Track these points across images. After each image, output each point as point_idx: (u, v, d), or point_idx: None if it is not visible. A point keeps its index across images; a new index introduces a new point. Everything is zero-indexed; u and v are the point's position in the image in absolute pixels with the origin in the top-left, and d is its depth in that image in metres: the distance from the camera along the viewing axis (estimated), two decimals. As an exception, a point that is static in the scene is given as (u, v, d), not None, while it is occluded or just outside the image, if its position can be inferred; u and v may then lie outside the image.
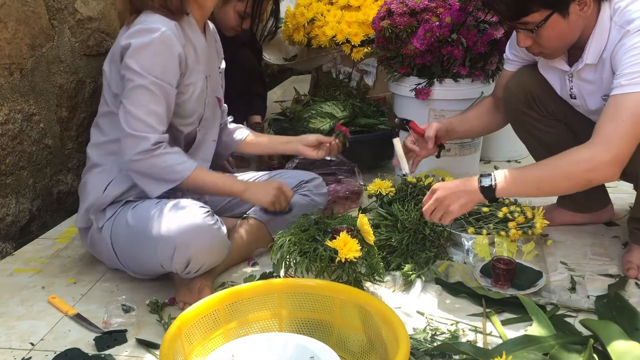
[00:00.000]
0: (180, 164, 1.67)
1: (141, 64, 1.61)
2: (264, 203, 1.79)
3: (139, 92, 1.62)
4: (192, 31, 1.74)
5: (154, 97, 1.63)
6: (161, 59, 1.63)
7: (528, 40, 1.65)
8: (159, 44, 1.62)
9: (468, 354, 1.38)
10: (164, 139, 1.66)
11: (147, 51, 1.62)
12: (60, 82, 2.24)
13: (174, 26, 1.65)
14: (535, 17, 1.58)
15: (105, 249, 1.74)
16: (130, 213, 1.66)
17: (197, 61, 1.76)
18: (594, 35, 1.62)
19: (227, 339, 1.35)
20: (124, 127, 1.63)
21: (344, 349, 1.36)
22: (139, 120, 1.62)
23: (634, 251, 1.81)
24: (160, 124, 1.66)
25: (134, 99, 1.63)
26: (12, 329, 1.56)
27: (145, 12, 1.67)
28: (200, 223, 1.56)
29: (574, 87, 1.76)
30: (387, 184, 2.06)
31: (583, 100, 1.77)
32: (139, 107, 1.63)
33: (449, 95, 2.33)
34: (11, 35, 1.99)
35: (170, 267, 1.58)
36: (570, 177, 1.54)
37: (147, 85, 1.62)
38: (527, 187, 1.61)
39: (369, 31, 2.78)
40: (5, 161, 1.99)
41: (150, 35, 1.61)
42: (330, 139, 2.05)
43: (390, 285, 1.72)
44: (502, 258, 1.69)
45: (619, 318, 1.49)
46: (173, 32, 1.64)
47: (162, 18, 1.65)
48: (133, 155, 1.63)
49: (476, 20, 2.24)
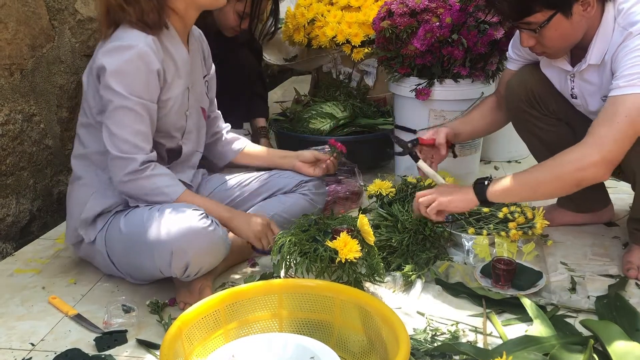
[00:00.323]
0: (168, 187, 1.66)
1: (121, 84, 1.59)
2: (249, 236, 1.75)
3: (121, 113, 1.60)
4: (173, 44, 1.70)
5: (137, 117, 1.62)
6: (140, 77, 1.60)
7: (531, 40, 1.65)
8: (137, 61, 1.59)
9: (468, 354, 1.38)
10: (152, 157, 1.66)
11: (126, 70, 1.59)
12: (60, 82, 2.24)
13: (152, 41, 1.61)
14: (538, 17, 1.58)
15: (102, 259, 1.74)
16: (123, 221, 1.66)
17: (178, 75, 1.73)
18: (597, 36, 1.62)
19: (227, 339, 1.35)
20: (111, 150, 1.62)
21: (344, 350, 1.36)
22: (125, 142, 1.61)
23: (634, 251, 1.81)
24: (147, 143, 1.65)
25: (118, 120, 1.61)
26: (13, 330, 1.56)
27: (122, 26, 1.64)
28: (195, 226, 1.55)
29: (575, 87, 1.76)
30: (387, 184, 2.06)
31: (584, 101, 1.77)
32: (123, 128, 1.61)
33: (449, 96, 2.33)
34: (12, 35, 1.99)
35: (169, 272, 1.57)
36: (560, 178, 1.56)
37: (130, 106, 1.60)
38: (521, 190, 1.64)
39: (369, 32, 2.78)
40: (5, 161, 2.00)
41: (127, 53, 1.58)
42: (327, 157, 2.03)
43: (390, 285, 1.72)
44: (503, 258, 1.69)
45: (619, 318, 1.49)
46: (150, 48, 1.60)
47: (139, 33, 1.61)
48: (122, 177, 1.63)
49: (476, 20, 2.24)
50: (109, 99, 1.60)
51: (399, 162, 2.55)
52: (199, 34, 1.91)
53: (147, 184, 1.64)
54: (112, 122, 1.61)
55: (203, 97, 1.91)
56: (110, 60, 1.59)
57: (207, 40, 1.95)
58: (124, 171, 1.62)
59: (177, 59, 1.72)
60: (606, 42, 1.62)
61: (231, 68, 2.71)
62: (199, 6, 1.71)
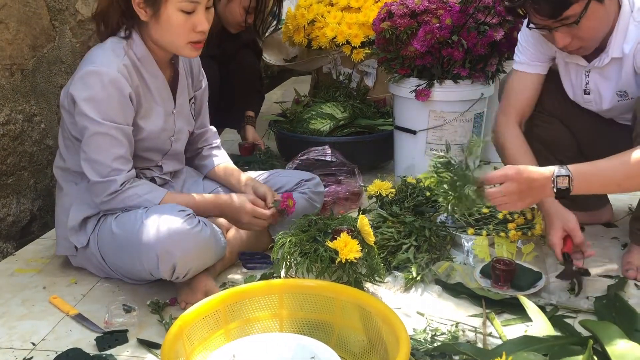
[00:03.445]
0: (149, 193, 1.67)
1: (95, 111, 1.59)
2: (239, 227, 1.81)
3: (99, 139, 1.61)
4: (149, 70, 1.69)
5: (114, 141, 1.62)
6: (113, 102, 1.60)
7: (567, 38, 1.62)
8: (109, 87, 1.59)
9: (468, 354, 1.38)
10: (131, 176, 1.67)
11: (98, 97, 1.59)
12: (61, 82, 2.24)
13: (123, 67, 1.62)
14: (576, 9, 1.56)
15: (97, 262, 1.74)
16: (114, 222, 1.66)
17: (154, 101, 1.72)
18: (617, 29, 1.63)
19: (228, 339, 1.35)
20: (90, 176, 1.64)
21: (345, 350, 1.36)
22: (104, 166, 1.63)
23: (634, 252, 1.81)
24: (126, 165, 1.66)
25: (95, 147, 1.62)
26: (14, 329, 1.57)
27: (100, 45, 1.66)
28: (179, 228, 1.54)
29: (590, 82, 1.76)
30: (387, 185, 2.07)
31: (597, 96, 1.77)
32: (101, 153, 1.62)
33: (449, 97, 2.34)
34: (12, 36, 1.99)
35: (158, 275, 1.57)
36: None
37: (105, 131, 1.61)
38: (607, 187, 1.60)
39: (369, 32, 2.78)
40: (6, 161, 2.00)
41: (99, 80, 1.58)
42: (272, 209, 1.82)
43: (390, 286, 1.72)
44: (502, 259, 1.70)
45: (619, 319, 1.49)
46: (121, 74, 1.61)
47: (112, 57, 1.62)
48: (103, 198, 1.65)
49: (476, 22, 2.25)
50: (84, 125, 1.62)
51: (398, 163, 2.55)
52: None
53: (126, 196, 1.65)
54: (89, 149, 1.63)
55: (190, 120, 1.89)
56: (83, 87, 1.60)
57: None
58: (105, 193, 1.64)
59: (151, 86, 1.70)
60: (623, 35, 1.62)
61: (231, 69, 2.72)
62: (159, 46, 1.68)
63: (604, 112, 1.82)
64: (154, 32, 1.65)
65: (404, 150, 2.48)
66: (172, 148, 1.82)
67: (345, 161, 2.43)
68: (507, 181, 1.49)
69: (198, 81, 1.92)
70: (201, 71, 1.93)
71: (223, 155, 2.03)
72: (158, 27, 1.63)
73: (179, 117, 1.82)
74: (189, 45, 1.65)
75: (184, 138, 1.88)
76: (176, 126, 1.81)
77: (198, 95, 1.92)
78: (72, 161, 1.75)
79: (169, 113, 1.77)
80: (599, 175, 1.49)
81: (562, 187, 1.46)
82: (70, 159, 1.75)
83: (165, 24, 1.62)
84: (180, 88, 1.81)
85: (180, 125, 1.83)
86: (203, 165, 2.00)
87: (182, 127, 1.84)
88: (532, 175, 1.48)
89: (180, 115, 1.82)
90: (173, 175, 1.89)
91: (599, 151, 1.83)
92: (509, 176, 1.49)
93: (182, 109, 1.82)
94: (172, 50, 1.69)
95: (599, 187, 1.57)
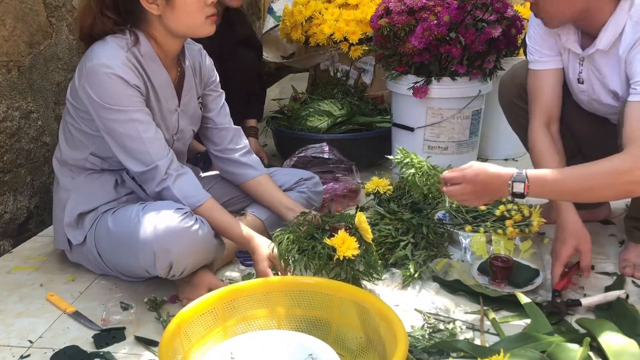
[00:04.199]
0: (193, 197, 1.66)
1: (113, 102, 1.59)
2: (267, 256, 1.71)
3: (127, 127, 1.61)
4: (152, 67, 1.68)
5: (142, 125, 1.62)
6: (125, 90, 1.60)
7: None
8: (115, 78, 1.58)
9: (466, 351, 1.38)
10: (172, 159, 1.66)
11: (110, 88, 1.58)
12: (58, 79, 2.24)
13: (126, 59, 1.61)
14: None
15: (93, 259, 1.74)
16: (111, 219, 1.66)
17: (157, 98, 1.71)
18: (609, 23, 1.62)
19: (226, 336, 1.35)
20: (136, 169, 1.64)
21: (343, 347, 1.36)
22: (142, 153, 1.62)
23: (630, 249, 1.82)
24: (164, 148, 1.66)
25: (127, 137, 1.62)
26: (11, 327, 1.56)
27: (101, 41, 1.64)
28: (176, 226, 1.54)
29: (583, 71, 1.76)
30: (385, 182, 2.07)
31: (590, 86, 1.77)
32: (135, 141, 1.62)
33: (446, 94, 2.34)
34: (9, 32, 1.99)
35: (155, 272, 1.57)
36: (612, 187, 1.49)
37: (130, 117, 1.60)
38: (562, 196, 1.60)
39: (367, 29, 2.78)
40: (3, 158, 1.99)
41: (106, 76, 1.58)
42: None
43: (388, 283, 1.72)
44: (500, 256, 1.70)
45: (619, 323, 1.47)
46: (126, 66, 1.60)
47: (114, 50, 1.61)
48: (154, 188, 1.65)
49: (474, 19, 2.25)
50: (108, 121, 1.61)
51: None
52: (198, 50, 1.87)
53: (177, 193, 1.64)
54: (124, 142, 1.62)
55: (195, 120, 1.88)
56: (92, 84, 1.59)
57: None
58: (154, 182, 1.64)
59: (155, 83, 1.70)
60: (617, 31, 1.62)
61: (231, 67, 2.71)
62: (176, 35, 1.67)
63: (597, 108, 1.81)
64: (170, 21, 1.63)
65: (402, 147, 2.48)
66: (174, 147, 1.81)
67: (343, 158, 2.43)
68: (463, 182, 1.53)
69: (208, 80, 1.90)
70: (214, 70, 1.92)
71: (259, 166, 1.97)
72: (174, 14, 1.62)
73: (183, 116, 1.81)
74: (207, 20, 1.64)
75: (188, 138, 1.88)
76: (179, 125, 1.80)
77: (208, 93, 1.90)
78: (69, 154, 1.75)
79: (171, 111, 1.77)
80: (555, 185, 1.51)
81: (518, 191, 1.49)
82: (69, 152, 1.75)
83: (181, 6, 1.61)
84: (187, 87, 1.80)
85: (184, 124, 1.82)
86: (240, 174, 1.95)
87: (186, 126, 1.83)
88: (487, 179, 1.52)
89: (184, 115, 1.81)
90: None
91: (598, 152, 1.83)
92: (466, 178, 1.53)
93: (186, 108, 1.81)
94: (192, 33, 1.68)
95: (555, 195, 1.59)
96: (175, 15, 1.62)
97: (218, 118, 1.93)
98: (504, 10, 2.28)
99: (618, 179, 1.46)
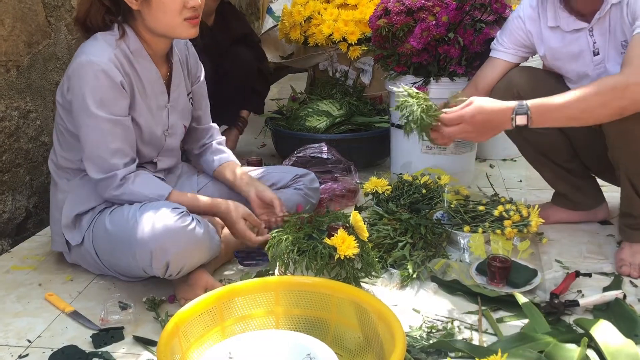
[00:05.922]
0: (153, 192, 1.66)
1: (90, 101, 1.59)
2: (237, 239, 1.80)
3: (95, 133, 1.61)
4: (141, 63, 1.68)
5: (111, 135, 1.62)
6: (107, 91, 1.60)
7: None
8: (100, 75, 1.58)
9: (464, 351, 1.38)
10: (131, 170, 1.67)
11: (92, 86, 1.58)
12: (57, 79, 2.24)
13: (114, 56, 1.61)
14: None
15: (91, 259, 1.74)
16: (108, 219, 1.66)
17: (145, 94, 1.71)
18: None
19: (224, 336, 1.35)
20: (92, 174, 1.65)
21: (341, 347, 1.36)
22: (103, 161, 1.63)
23: (625, 249, 1.82)
24: (125, 157, 1.66)
25: (93, 142, 1.62)
26: (9, 326, 1.56)
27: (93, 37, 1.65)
28: (172, 226, 1.54)
29: (596, 41, 1.77)
30: (384, 182, 2.07)
31: (605, 53, 1.77)
32: (99, 148, 1.62)
33: (445, 94, 2.32)
34: (8, 32, 1.99)
35: (152, 272, 1.57)
36: (606, 106, 1.56)
37: (101, 124, 1.60)
38: (563, 121, 1.64)
39: (365, 30, 2.78)
40: (1, 158, 1.99)
41: (91, 69, 1.58)
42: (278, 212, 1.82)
43: (386, 283, 1.72)
44: (498, 256, 1.70)
45: (618, 323, 1.47)
46: (112, 63, 1.60)
47: (103, 47, 1.61)
48: (107, 195, 1.66)
49: (473, 19, 2.25)
50: (80, 119, 1.62)
51: (395, 160, 2.55)
52: (184, 44, 1.86)
53: (133, 195, 1.65)
54: (87, 145, 1.64)
55: (186, 114, 1.88)
56: (76, 80, 1.60)
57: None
58: (109, 189, 1.65)
59: (143, 79, 1.69)
60: None
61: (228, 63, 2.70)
62: (156, 33, 1.67)
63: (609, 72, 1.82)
64: (149, 19, 1.63)
65: (400, 148, 2.48)
66: (167, 143, 1.81)
67: (341, 158, 2.43)
68: (462, 123, 1.57)
69: (195, 74, 1.91)
70: (199, 64, 1.92)
71: (229, 153, 2.01)
72: (151, 12, 1.61)
73: (173, 111, 1.81)
74: (185, 23, 1.63)
75: (180, 133, 1.87)
76: (170, 120, 1.80)
77: (196, 90, 1.91)
78: (64, 157, 1.75)
79: (161, 107, 1.77)
80: (557, 110, 1.57)
81: (521, 123, 1.56)
82: (63, 154, 1.75)
83: (157, 5, 1.60)
84: (176, 82, 1.80)
85: (174, 119, 1.82)
86: (211, 160, 1.97)
87: (176, 121, 1.83)
88: (487, 117, 1.57)
89: (174, 110, 1.81)
90: (167, 172, 1.89)
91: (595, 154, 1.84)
92: (464, 118, 1.57)
93: (176, 104, 1.82)
94: (170, 33, 1.67)
95: (555, 121, 1.64)
96: (153, 12, 1.61)
97: (205, 115, 1.97)
98: (502, 11, 2.28)
99: (611, 95, 1.54)
